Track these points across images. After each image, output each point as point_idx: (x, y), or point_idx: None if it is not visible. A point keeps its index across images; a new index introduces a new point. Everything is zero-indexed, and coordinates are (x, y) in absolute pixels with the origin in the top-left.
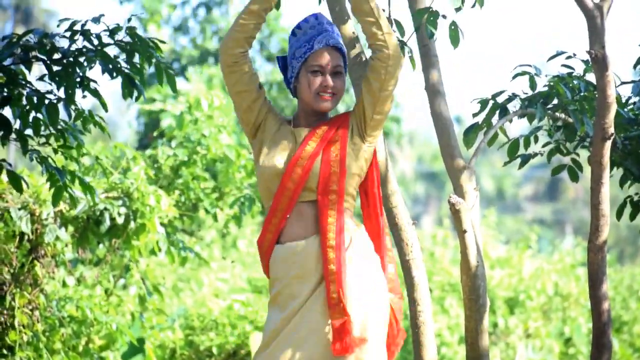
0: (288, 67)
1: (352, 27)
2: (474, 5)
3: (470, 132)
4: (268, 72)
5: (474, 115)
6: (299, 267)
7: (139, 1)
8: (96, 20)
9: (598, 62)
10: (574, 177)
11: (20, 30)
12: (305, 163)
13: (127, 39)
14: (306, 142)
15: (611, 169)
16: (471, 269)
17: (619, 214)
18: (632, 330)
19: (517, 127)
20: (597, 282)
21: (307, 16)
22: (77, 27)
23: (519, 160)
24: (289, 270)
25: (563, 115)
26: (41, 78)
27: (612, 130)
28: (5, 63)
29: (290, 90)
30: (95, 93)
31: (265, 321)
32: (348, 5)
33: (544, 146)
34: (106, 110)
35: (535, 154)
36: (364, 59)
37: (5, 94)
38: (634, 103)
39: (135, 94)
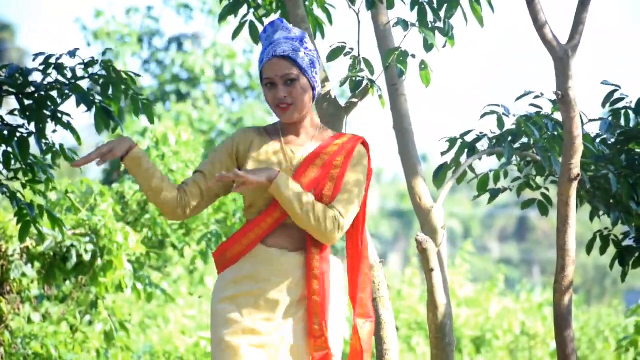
0: None
1: (323, 66)
2: (444, 46)
3: (440, 173)
4: None
5: (443, 154)
6: (284, 274)
7: (105, 43)
8: (72, 54)
9: (565, 103)
10: (544, 212)
11: None
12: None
13: (102, 72)
14: (307, 166)
15: (580, 205)
16: (438, 308)
17: (589, 249)
18: None
19: (487, 163)
20: (563, 322)
21: (265, 25)
22: (52, 61)
23: (487, 195)
24: (271, 274)
25: (531, 153)
26: (12, 112)
27: (578, 170)
28: None
29: None
30: (68, 126)
31: (220, 312)
32: (319, 47)
33: (513, 181)
34: (80, 144)
35: (505, 189)
36: (333, 96)
37: None
38: (604, 139)
39: (112, 125)
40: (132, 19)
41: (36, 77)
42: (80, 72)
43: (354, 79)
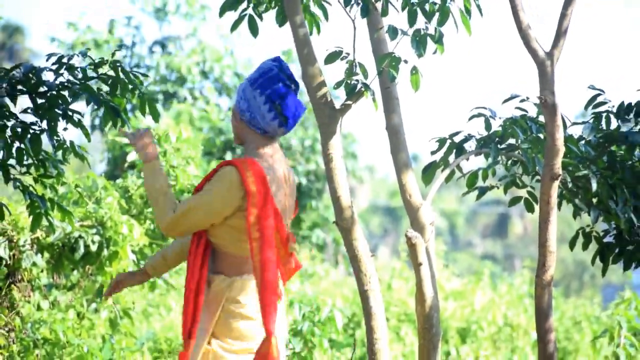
0: None
1: (319, 69)
2: (435, 52)
3: (429, 170)
4: None
5: (432, 153)
6: None
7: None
8: (83, 53)
9: (547, 107)
10: (530, 209)
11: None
12: None
13: (111, 72)
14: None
15: (561, 205)
16: (426, 300)
17: (572, 245)
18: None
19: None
20: (544, 315)
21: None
22: (64, 61)
23: (475, 192)
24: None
25: (516, 153)
26: (25, 110)
27: (559, 171)
28: None
29: None
30: (79, 124)
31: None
32: (315, 48)
33: (500, 180)
34: (89, 140)
35: (493, 187)
36: (329, 99)
37: None
38: (589, 141)
39: (119, 123)
40: (117, 30)
41: (48, 76)
42: (90, 73)
43: (349, 82)
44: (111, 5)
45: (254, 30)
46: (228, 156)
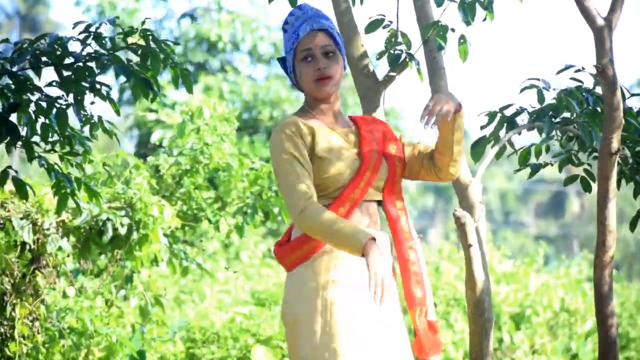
0: (287, 65)
1: (360, 40)
2: (484, 19)
3: (478, 146)
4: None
5: (482, 128)
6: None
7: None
8: (112, 22)
9: (605, 77)
10: (587, 188)
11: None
12: (375, 163)
13: (141, 42)
14: (364, 144)
15: (625, 183)
16: (476, 284)
17: (633, 225)
18: (639, 348)
19: (527, 138)
20: (604, 299)
21: (292, 10)
22: (92, 30)
23: (528, 169)
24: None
25: (572, 128)
26: (50, 84)
27: (618, 145)
28: (14, 69)
29: (298, 88)
30: (107, 98)
31: (343, 305)
32: (357, 19)
33: (554, 156)
34: (119, 115)
35: (546, 164)
36: (371, 70)
37: (11, 100)
38: None
39: (151, 95)
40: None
41: (74, 47)
42: (119, 43)
43: (392, 52)
44: None
45: (293, 1)
46: (261, 135)
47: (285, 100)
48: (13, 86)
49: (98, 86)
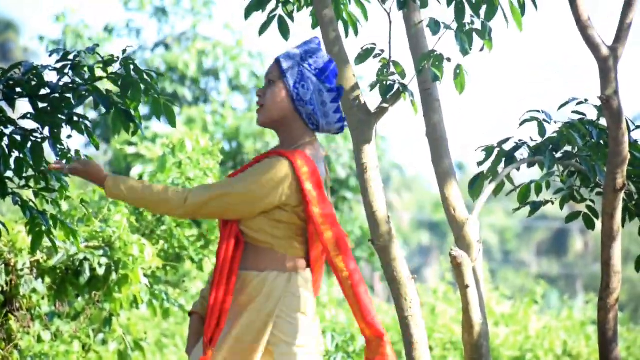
0: None
1: (351, 70)
2: (482, 49)
3: (476, 183)
4: None
5: (479, 164)
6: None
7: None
8: (91, 50)
9: (610, 108)
10: (590, 225)
11: None
12: None
13: (121, 71)
14: None
15: (629, 220)
16: (473, 327)
17: (639, 265)
18: None
19: (527, 173)
20: (608, 342)
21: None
22: (70, 58)
23: (527, 208)
24: None
25: (574, 162)
26: (25, 116)
27: (624, 180)
28: None
29: None
30: (85, 131)
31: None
32: (348, 48)
33: (555, 193)
34: (97, 149)
35: (547, 201)
36: (362, 102)
37: None
38: None
39: (132, 128)
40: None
41: (50, 77)
42: (98, 72)
43: (384, 83)
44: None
45: (284, 32)
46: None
47: (269, 131)
48: None
49: (76, 118)
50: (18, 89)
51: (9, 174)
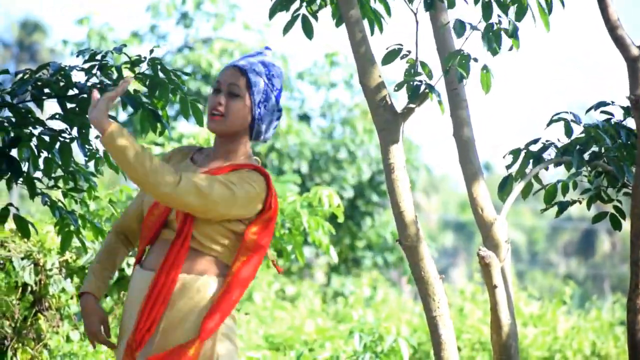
0: None
1: (377, 71)
2: (510, 49)
3: (505, 187)
4: None
5: (507, 167)
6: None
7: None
8: (118, 50)
9: (638, 108)
10: (617, 226)
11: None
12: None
13: (149, 71)
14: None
15: None
16: (502, 327)
17: None
18: None
19: (554, 174)
20: (638, 343)
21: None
22: (97, 58)
23: (555, 208)
24: None
25: (602, 162)
26: (53, 117)
27: None
28: (14, 101)
29: None
30: None
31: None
32: (374, 49)
33: (582, 193)
34: None
35: (574, 201)
36: (389, 102)
37: (12, 135)
38: None
39: (159, 128)
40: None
41: (78, 77)
42: (125, 72)
43: (411, 83)
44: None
45: (308, 31)
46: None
47: (290, 130)
48: (14, 119)
49: None
50: (46, 90)
51: (38, 174)
